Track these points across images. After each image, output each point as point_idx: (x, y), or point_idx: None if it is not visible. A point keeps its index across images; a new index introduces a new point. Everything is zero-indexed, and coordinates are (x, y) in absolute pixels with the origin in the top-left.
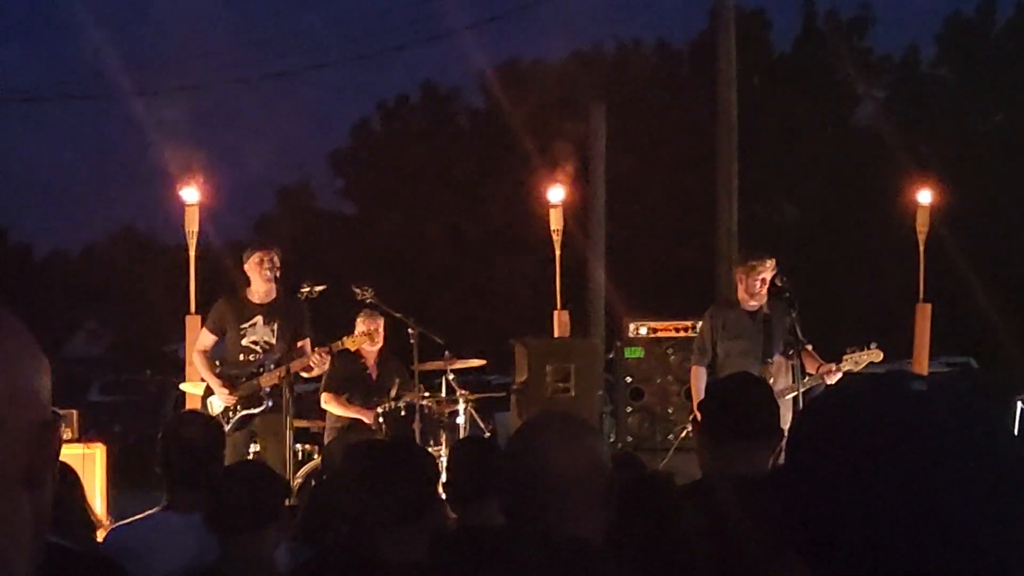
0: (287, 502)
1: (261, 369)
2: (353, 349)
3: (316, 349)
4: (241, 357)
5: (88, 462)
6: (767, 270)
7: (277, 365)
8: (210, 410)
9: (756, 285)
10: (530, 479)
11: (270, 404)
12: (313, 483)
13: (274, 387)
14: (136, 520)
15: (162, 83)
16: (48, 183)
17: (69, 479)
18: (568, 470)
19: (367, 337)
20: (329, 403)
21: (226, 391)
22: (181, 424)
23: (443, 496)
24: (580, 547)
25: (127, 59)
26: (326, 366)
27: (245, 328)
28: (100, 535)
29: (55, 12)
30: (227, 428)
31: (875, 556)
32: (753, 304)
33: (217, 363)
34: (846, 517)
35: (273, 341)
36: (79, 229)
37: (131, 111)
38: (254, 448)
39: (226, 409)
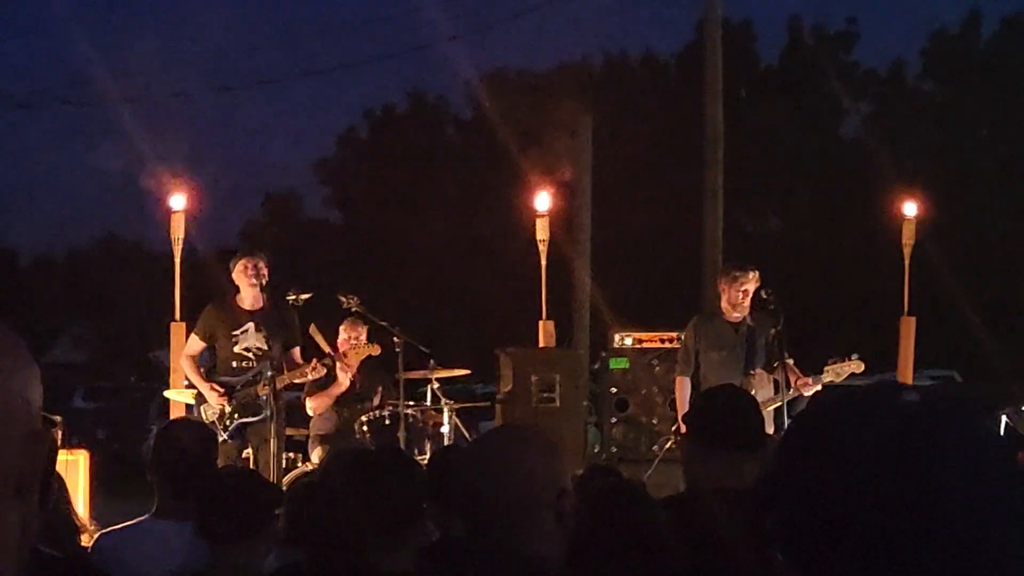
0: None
1: (259, 376)
2: (357, 361)
3: (310, 362)
4: (234, 364)
5: (71, 468)
6: (750, 282)
7: (274, 372)
8: (204, 418)
9: (738, 296)
10: (484, 495)
11: (267, 413)
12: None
13: (272, 394)
14: (124, 527)
15: (149, 90)
16: (34, 188)
17: (55, 484)
18: (521, 486)
19: (359, 343)
20: (313, 402)
21: (216, 395)
22: (174, 431)
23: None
24: (536, 566)
25: (114, 66)
26: (322, 371)
27: (238, 335)
28: (85, 540)
29: (41, 17)
30: (223, 436)
31: (870, 563)
32: (736, 316)
33: (202, 370)
34: (841, 525)
35: (266, 348)
36: (64, 235)
37: (118, 117)
38: (245, 454)
39: (222, 416)
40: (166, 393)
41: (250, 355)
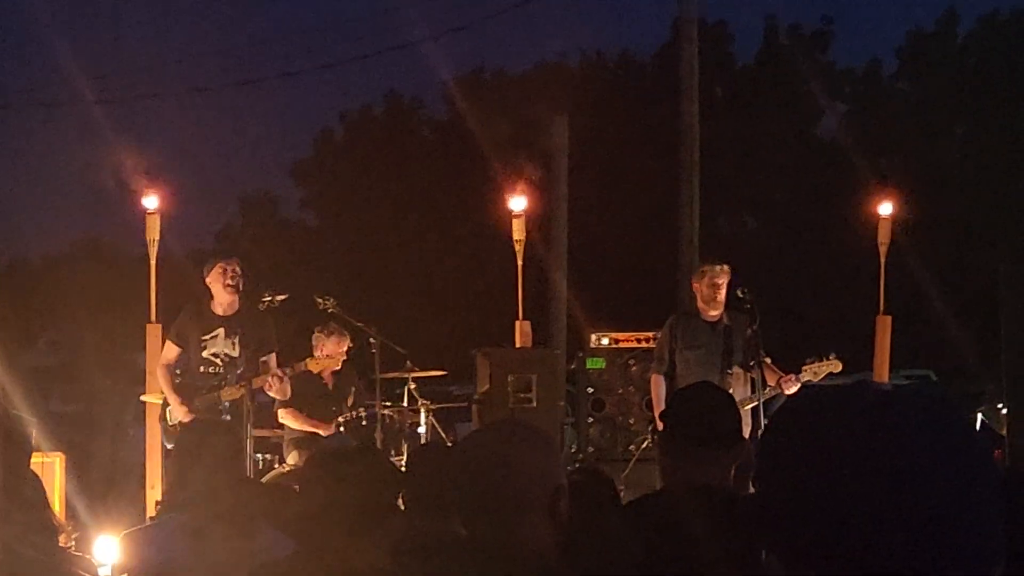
0: None
1: (223, 383)
2: (316, 371)
3: (275, 372)
4: (201, 369)
5: (47, 471)
6: (719, 275)
7: (240, 379)
8: (169, 420)
9: (711, 292)
10: (483, 490)
11: (227, 418)
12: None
13: (234, 400)
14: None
15: (125, 91)
16: (8, 191)
17: (32, 485)
18: (516, 483)
19: (331, 360)
20: (286, 418)
21: (184, 408)
22: None
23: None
24: (531, 562)
25: (90, 66)
26: (286, 392)
27: (206, 340)
28: (63, 540)
29: (15, 18)
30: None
31: (849, 554)
32: (713, 314)
33: (178, 372)
34: (822, 518)
35: (235, 354)
36: (40, 237)
37: (93, 118)
38: None
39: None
40: (143, 397)
41: (217, 360)
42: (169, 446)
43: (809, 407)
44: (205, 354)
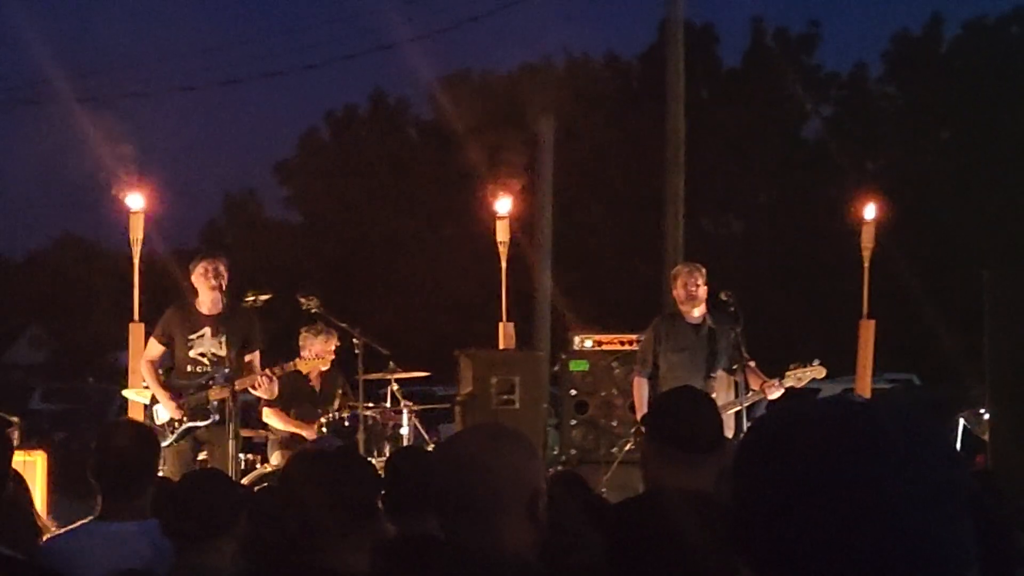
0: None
1: (211, 383)
2: (305, 372)
3: (263, 371)
4: (188, 368)
5: (29, 469)
6: (693, 274)
7: (227, 379)
8: (155, 419)
9: (688, 292)
10: (460, 492)
11: (216, 418)
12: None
13: (222, 400)
14: (69, 530)
15: (109, 89)
16: None
17: (20, 485)
18: (496, 485)
19: (320, 360)
20: (270, 418)
21: (173, 404)
22: (113, 433)
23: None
24: (514, 564)
25: (75, 65)
26: (274, 392)
27: (193, 340)
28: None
29: None
30: (172, 438)
31: (822, 565)
32: (694, 315)
33: (160, 372)
34: (790, 529)
35: (221, 353)
36: (23, 235)
37: (77, 117)
38: (202, 456)
39: (171, 420)
40: (125, 392)
41: (204, 360)
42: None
43: (783, 419)
44: (192, 354)
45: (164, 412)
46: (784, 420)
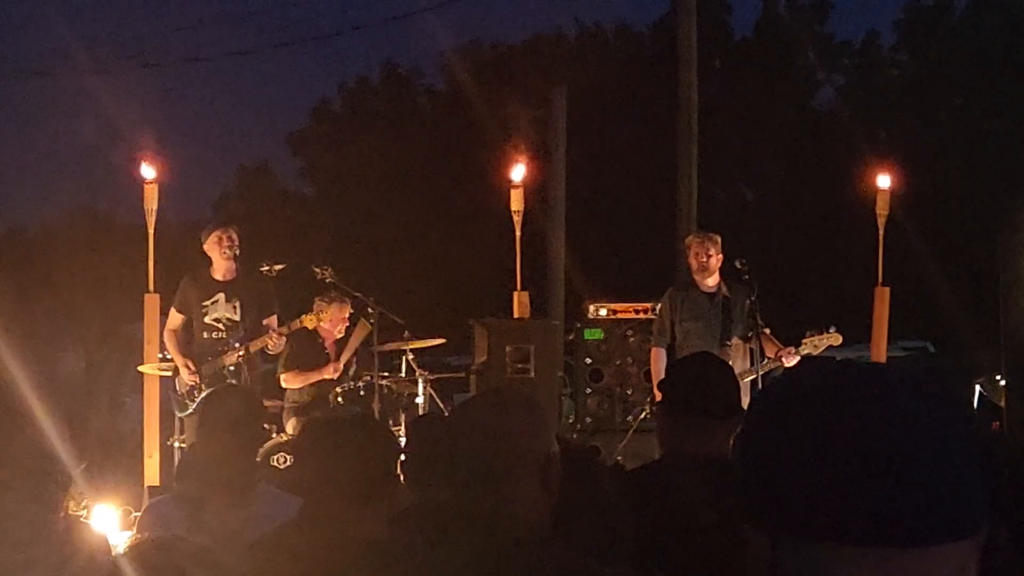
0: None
1: (226, 348)
2: (311, 327)
3: (272, 330)
4: (204, 335)
5: None
6: (706, 243)
7: (242, 343)
8: (178, 388)
9: (702, 261)
10: (471, 459)
11: (233, 383)
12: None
13: (238, 365)
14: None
15: (122, 60)
16: (5, 161)
17: None
18: (508, 451)
19: (318, 316)
20: (289, 381)
21: (189, 372)
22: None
23: (400, 474)
24: (522, 531)
25: (85, 37)
26: (282, 346)
27: (207, 306)
28: (72, 507)
29: None
30: (192, 407)
31: (829, 521)
32: (708, 283)
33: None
34: (799, 485)
35: (236, 318)
36: (37, 207)
37: (90, 88)
38: None
39: (191, 388)
40: (140, 368)
41: (220, 325)
42: (180, 414)
43: (793, 378)
44: (207, 319)
45: (183, 383)
46: (793, 379)
